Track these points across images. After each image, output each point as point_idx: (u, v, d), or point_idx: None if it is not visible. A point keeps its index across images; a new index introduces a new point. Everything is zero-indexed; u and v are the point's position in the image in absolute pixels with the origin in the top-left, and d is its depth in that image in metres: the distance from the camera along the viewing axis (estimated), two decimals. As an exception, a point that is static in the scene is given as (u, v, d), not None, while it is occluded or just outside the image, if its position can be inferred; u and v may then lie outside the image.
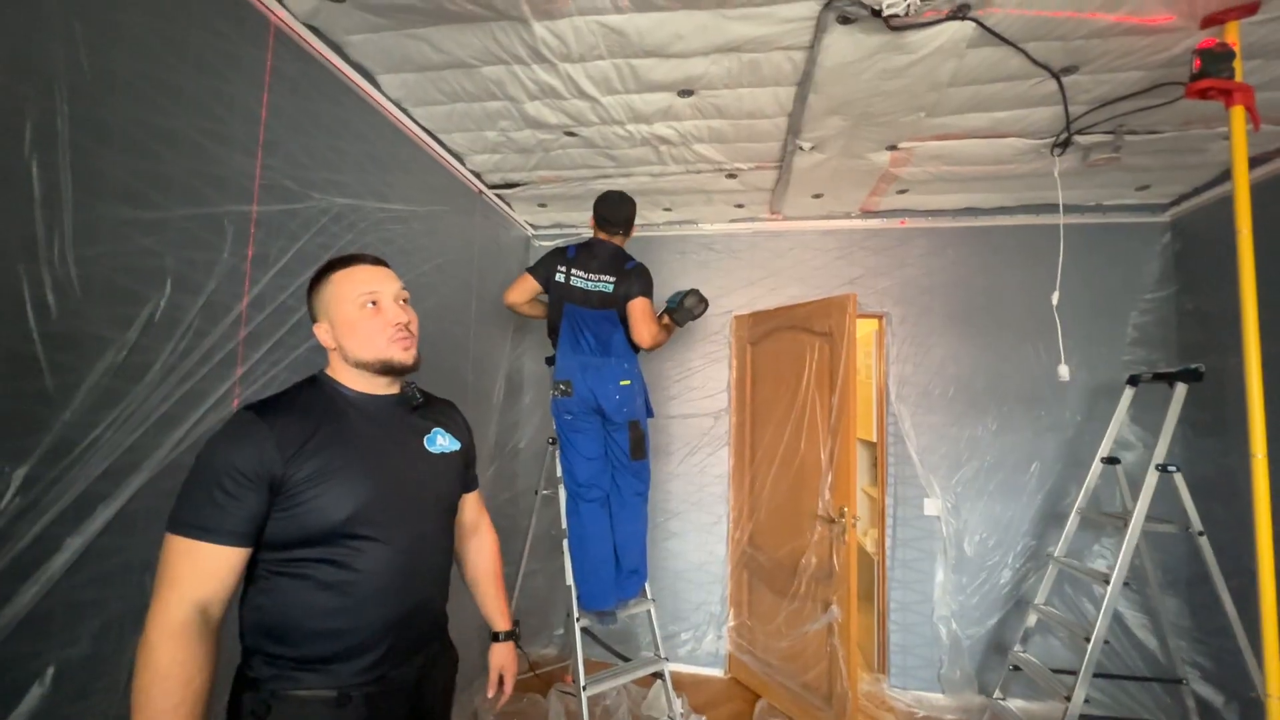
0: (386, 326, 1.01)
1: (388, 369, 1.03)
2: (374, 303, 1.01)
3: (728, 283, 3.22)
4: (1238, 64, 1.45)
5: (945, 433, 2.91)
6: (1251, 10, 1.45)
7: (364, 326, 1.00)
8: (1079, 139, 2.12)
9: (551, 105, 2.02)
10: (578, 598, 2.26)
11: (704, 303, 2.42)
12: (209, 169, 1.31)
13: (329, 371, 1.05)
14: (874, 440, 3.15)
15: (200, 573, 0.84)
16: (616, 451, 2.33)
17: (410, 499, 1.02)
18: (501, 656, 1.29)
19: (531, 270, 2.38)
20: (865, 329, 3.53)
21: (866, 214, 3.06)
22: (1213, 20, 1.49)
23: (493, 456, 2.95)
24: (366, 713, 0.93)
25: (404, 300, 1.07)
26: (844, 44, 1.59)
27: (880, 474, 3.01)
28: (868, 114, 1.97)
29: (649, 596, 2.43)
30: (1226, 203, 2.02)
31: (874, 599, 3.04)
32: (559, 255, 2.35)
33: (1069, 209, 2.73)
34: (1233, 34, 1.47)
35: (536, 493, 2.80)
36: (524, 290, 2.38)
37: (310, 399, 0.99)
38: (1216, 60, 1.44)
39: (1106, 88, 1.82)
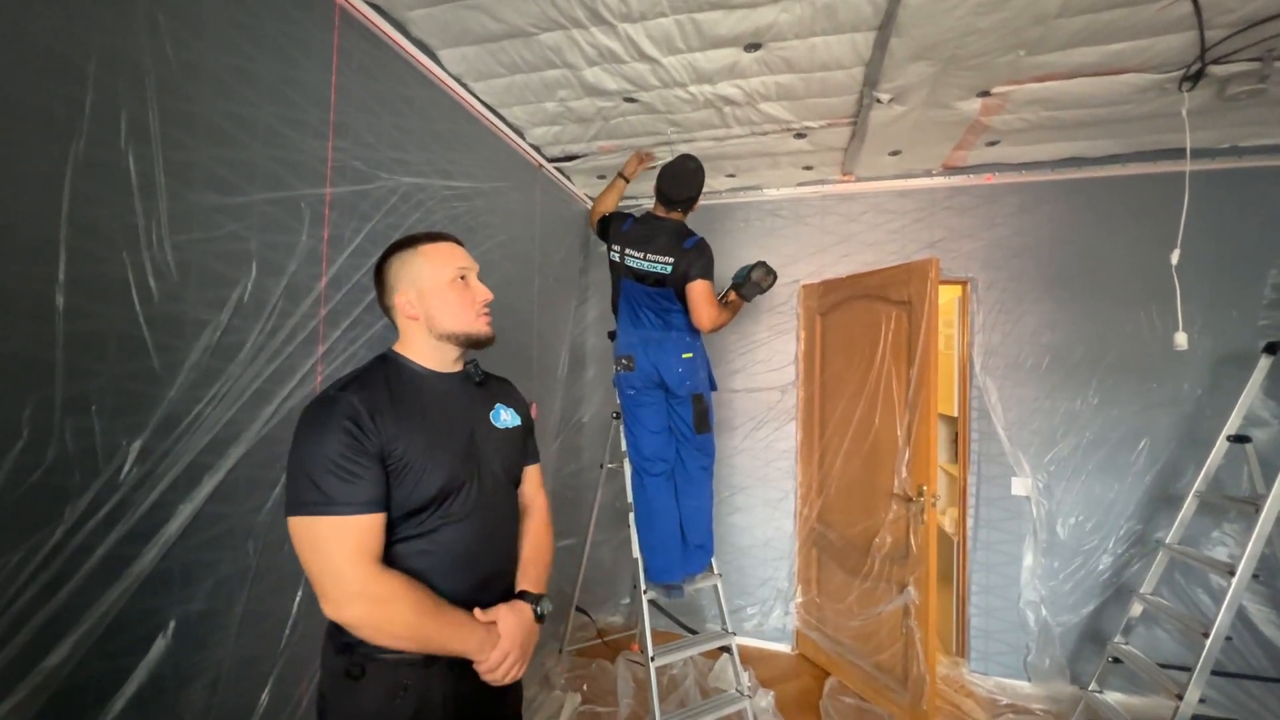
0: (475, 302, 1.07)
1: (472, 342, 1.08)
2: (464, 278, 1.07)
3: (795, 250, 3.07)
4: None
5: (1038, 407, 2.68)
6: None
7: (455, 299, 1.05)
8: (1214, 70, 1.82)
9: (611, 70, 1.96)
10: (645, 570, 2.28)
11: (772, 274, 2.26)
12: (285, 154, 1.35)
13: (399, 349, 1.07)
14: (955, 415, 2.95)
15: (356, 541, 0.87)
16: (680, 425, 2.30)
17: (485, 472, 1.05)
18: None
19: (600, 225, 2.43)
20: (947, 296, 3.29)
21: (949, 171, 2.82)
22: None
23: (557, 431, 2.99)
24: (451, 673, 0.97)
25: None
26: (934, -24, 1.42)
27: (961, 451, 2.83)
28: (957, 57, 1.77)
29: (715, 571, 2.42)
30: None
31: (953, 581, 2.89)
32: (618, 222, 2.30)
33: (1196, 154, 2.39)
34: None
35: (601, 466, 2.82)
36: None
37: (389, 378, 1.01)
38: None
39: (1256, 4, 1.54)
